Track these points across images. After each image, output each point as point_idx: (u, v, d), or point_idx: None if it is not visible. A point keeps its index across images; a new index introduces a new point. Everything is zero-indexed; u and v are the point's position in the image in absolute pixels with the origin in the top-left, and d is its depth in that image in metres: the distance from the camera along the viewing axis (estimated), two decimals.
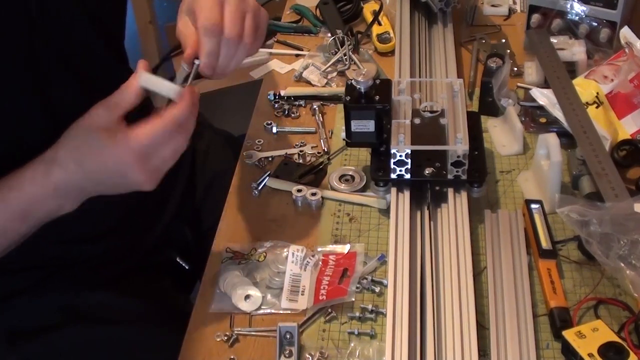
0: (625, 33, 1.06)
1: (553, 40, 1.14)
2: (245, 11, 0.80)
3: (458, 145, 0.89)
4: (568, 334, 0.75)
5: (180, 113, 0.74)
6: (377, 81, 0.94)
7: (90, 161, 0.74)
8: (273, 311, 0.84)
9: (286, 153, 1.04)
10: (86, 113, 0.75)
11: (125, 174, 0.74)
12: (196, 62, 0.79)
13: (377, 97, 0.93)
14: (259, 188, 0.99)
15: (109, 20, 0.92)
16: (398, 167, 0.91)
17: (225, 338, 0.81)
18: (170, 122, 0.74)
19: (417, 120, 0.94)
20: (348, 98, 0.93)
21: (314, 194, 0.96)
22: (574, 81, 1.04)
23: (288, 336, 0.79)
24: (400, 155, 0.90)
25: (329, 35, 1.26)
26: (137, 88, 0.75)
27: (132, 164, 0.73)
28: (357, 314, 0.82)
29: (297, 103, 1.13)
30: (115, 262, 0.98)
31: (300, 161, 1.03)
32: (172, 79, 0.78)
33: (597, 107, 1.01)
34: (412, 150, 0.90)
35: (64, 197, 0.77)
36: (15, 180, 0.77)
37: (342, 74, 1.18)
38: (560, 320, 0.79)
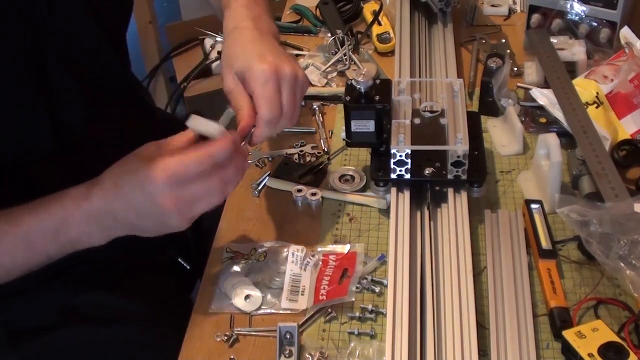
0: (625, 33, 1.06)
1: (553, 40, 1.14)
2: (296, 90, 0.83)
3: (458, 145, 0.89)
4: (568, 334, 0.75)
5: (217, 150, 0.74)
6: (377, 81, 0.94)
7: (125, 180, 0.75)
8: (273, 311, 0.84)
9: (286, 153, 1.04)
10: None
11: (154, 198, 0.73)
12: (230, 111, 0.82)
13: (377, 97, 0.93)
14: (259, 188, 0.99)
15: (114, 23, 0.93)
16: (398, 167, 0.91)
17: (225, 338, 0.81)
18: (204, 156, 0.74)
19: (417, 120, 0.94)
20: (348, 98, 0.93)
21: (314, 194, 0.96)
22: (574, 81, 1.04)
23: (288, 336, 0.79)
24: (400, 155, 0.90)
25: (329, 35, 1.26)
26: (188, 132, 0.77)
27: (162, 186, 0.73)
28: (357, 314, 0.82)
29: None
30: (116, 262, 0.98)
31: (301, 161, 1.03)
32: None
33: (597, 107, 1.01)
34: (412, 150, 0.90)
35: (96, 222, 0.77)
36: (55, 197, 0.77)
37: (342, 74, 1.18)
38: (560, 320, 0.79)
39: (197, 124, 0.77)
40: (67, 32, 0.84)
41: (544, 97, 1.04)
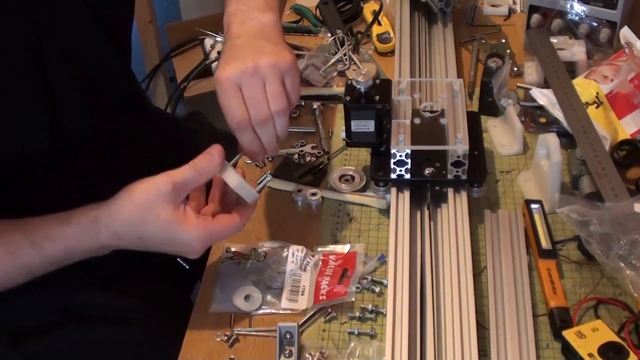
0: (625, 33, 1.06)
1: (553, 40, 1.13)
2: (264, 80, 0.78)
3: (458, 145, 0.89)
4: (568, 334, 0.75)
5: (249, 214, 0.81)
6: (377, 81, 0.94)
7: (153, 235, 0.76)
8: (273, 311, 0.84)
9: (286, 153, 1.04)
10: (143, 184, 0.76)
11: (184, 250, 0.77)
12: (268, 178, 0.84)
13: (377, 97, 0.93)
14: (259, 188, 0.99)
15: (114, 22, 0.92)
16: (398, 167, 0.91)
17: (225, 338, 0.81)
18: (241, 224, 0.80)
19: (417, 120, 0.94)
20: (348, 98, 0.93)
21: (314, 194, 0.96)
22: (574, 81, 1.04)
23: (288, 336, 0.79)
24: (400, 155, 0.90)
25: (329, 35, 1.26)
26: (216, 179, 0.80)
27: (197, 248, 0.77)
28: (357, 314, 0.82)
29: (297, 103, 1.13)
30: (115, 262, 0.97)
31: (301, 161, 1.03)
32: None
33: (597, 107, 1.01)
34: (412, 150, 0.90)
35: (105, 250, 0.80)
36: (59, 227, 0.77)
37: (342, 74, 1.18)
38: (560, 320, 0.79)
39: (232, 181, 0.79)
40: (66, 30, 0.83)
41: (544, 97, 1.03)
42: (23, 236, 0.77)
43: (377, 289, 0.85)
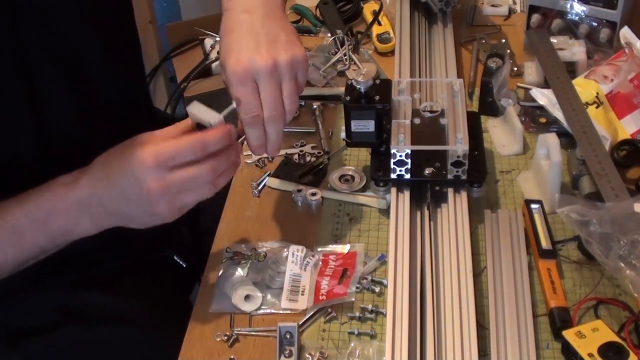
0: (625, 33, 1.05)
1: (553, 40, 1.13)
2: (280, 80, 0.78)
3: (458, 145, 0.89)
4: (568, 334, 0.75)
5: (211, 137, 0.74)
6: (377, 81, 0.94)
7: (114, 166, 0.74)
8: (273, 311, 0.84)
9: (286, 153, 1.04)
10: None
11: (142, 182, 0.73)
12: (233, 105, 0.78)
13: (377, 97, 0.93)
14: (259, 188, 0.99)
15: (107, 21, 0.92)
16: (398, 167, 0.91)
17: (225, 338, 0.81)
18: (197, 141, 0.73)
19: (417, 120, 0.94)
20: (348, 98, 0.93)
21: (314, 194, 0.96)
22: (574, 81, 1.04)
23: (288, 336, 0.79)
24: (400, 155, 0.90)
25: (329, 35, 1.26)
26: (186, 121, 0.76)
27: (150, 169, 0.72)
28: (357, 314, 0.82)
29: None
30: (114, 262, 0.98)
31: (301, 161, 1.03)
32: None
33: (597, 107, 1.01)
34: (412, 150, 0.90)
35: (84, 210, 0.76)
36: (43, 187, 0.77)
37: (342, 74, 1.18)
38: (560, 320, 0.79)
39: (197, 109, 0.76)
40: (52, 29, 0.82)
41: (544, 97, 1.03)
42: (10, 200, 0.77)
43: (377, 289, 0.85)
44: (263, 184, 1.00)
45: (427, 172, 0.91)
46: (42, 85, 0.83)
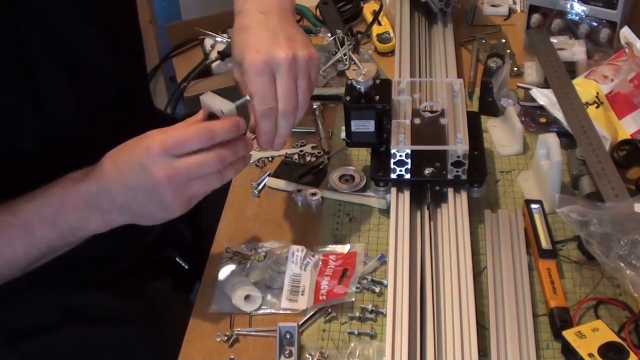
0: (625, 33, 1.06)
1: (553, 40, 1.14)
2: (297, 75, 0.79)
3: (458, 145, 0.89)
4: (568, 334, 0.75)
5: (219, 126, 0.74)
6: (377, 81, 0.94)
7: (123, 159, 0.74)
8: (273, 311, 0.84)
9: (286, 153, 1.04)
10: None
11: (148, 169, 0.72)
12: (247, 97, 0.80)
13: (377, 97, 0.93)
14: (259, 188, 0.99)
15: (108, 20, 0.92)
16: (398, 167, 0.91)
17: (225, 338, 0.81)
18: (204, 129, 0.73)
19: (417, 120, 0.94)
20: (348, 98, 0.93)
21: (314, 194, 0.96)
22: (574, 81, 1.04)
23: (288, 336, 0.79)
24: (400, 155, 0.90)
25: (329, 35, 1.26)
26: (198, 115, 0.77)
27: (156, 156, 0.72)
28: (357, 314, 0.82)
29: None
30: (115, 262, 0.98)
31: (301, 161, 1.03)
32: None
33: (597, 107, 1.01)
34: (412, 150, 0.90)
35: (94, 205, 0.76)
36: (54, 183, 0.77)
37: (342, 74, 1.18)
38: (560, 320, 0.79)
39: (209, 98, 0.76)
40: (53, 27, 0.82)
41: (544, 97, 1.03)
42: (22, 197, 0.77)
43: (377, 289, 0.85)
44: (263, 184, 1.00)
45: (427, 172, 0.91)
46: (44, 84, 0.83)
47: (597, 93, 1.01)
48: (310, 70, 0.81)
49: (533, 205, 0.90)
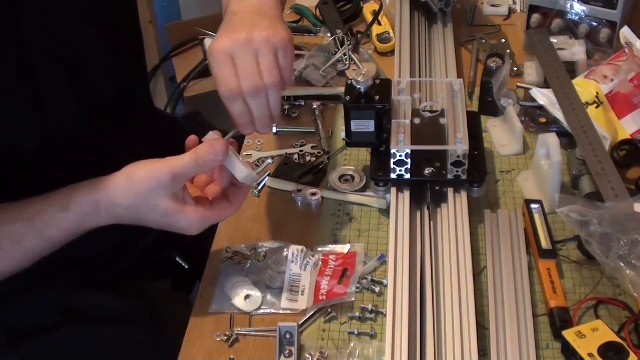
0: (625, 33, 1.06)
1: (553, 40, 1.14)
2: (257, 53, 0.78)
3: (458, 145, 0.89)
4: (568, 334, 0.75)
5: (244, 198, 0.82)
6: (377, 81, 0.94)
7: (153, 221, 0.79)
8: (273, 311, 0.84)
9: (286, 153, 1.04)
10: (143, 172, 0.77)
11: (182, 231, 0.80)
12: (269, 161, 0.87)
13: (377, 97, 0.93)
14: (259, 188, 0.99)
15: (108, 20, 0.92)
16: (398, 167, 0.91)
17: (225, 338, 0.81)
18: (236, 209, 0.81)
19: (417, 120, 0.94)
20: (348, 98, 0.93)
21: (314, 194, 0.96)
22: (574, 81, 1.04)
23: (288, 336, 0.79)
24: (400, 155, 0.90)
25: (329, 35, 1.26)
26: (215, 167, 0.80)
27: (194, 231, 0.80)
28: (357, 314, 0.82)
29: (297, 103, 1.13)
30: (115, 262, 0.98)
31: (301, 161, 1.03)
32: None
33: (597, 107, 1.01)
34: (412, 150, 0.90)
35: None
36: (58, 217, 0.78)
37: (342, 74, 1.18)
38: (560, 320, 0.79)
39: (232, 166, 0.79)
40: (53, 27, 0.82)
41: (544, 97, 1.03)
42: (25, 224, 0.78)
43: (377, 289, 0.85)
44: (263, 184, 1.00)
45: (427, 172, 0.91)
46: (44, 84, 0.83)
47: (597, 93, 1.01)
48: (273, 48, 0.78)
49: (533, 205, 0.90)
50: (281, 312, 0.83)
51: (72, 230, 0.79)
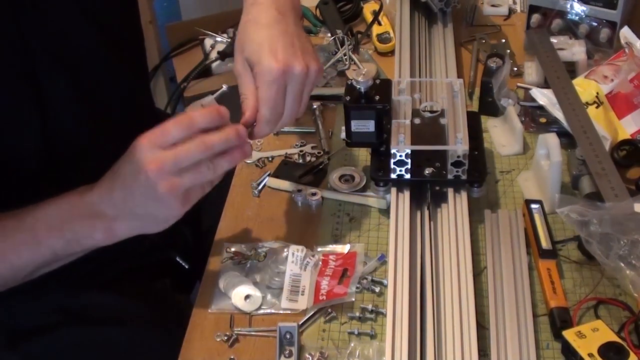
0: (625, 33, 1.06)
1: (553, 40, 1.14)
2: (303, 89, 0.81)
3: (458, 145, 0.89)
4: (568, 334, 0.75)
5: (198, 114, 0.73)
6: (377, 81, 0.94)
7: (119, 164, 0.75)
8: (273, 311, 0.84)
9: (286, 153, 1.04)
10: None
11: (137, 163, 0.72)
12: (224, 88, 0.83)
13: (377, 97, 0.93)
14: (259, 188, 0.99)
15: (108, 19, 0.92)
16: (398, 167, 0.91)
17: (225, 338, 0.81)
18: (183, 117, 0.73)
19: (417, 120, 0.94)
20: (348, 98, 0.93)
21: (314, 194, 0.96)
22: (574, 81, 1.04)
23: (288, 336, 0.79)
24: (400, 155, 0.90)
25: (329, 35, 1.26)
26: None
27: (142, 150, 0.71)
28: (357, 314, 0.82)
29: None
30: (115, 262, 0.98)
31: (300, 161, 1.03)
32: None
33: (597, 107, 1.01)
34: (412, 150, 0.90)
35: (98, 215, 0.76)
36: (61, 195, 0.78)
37: (342, 74, 1.18)
38: (560, 320, 0.79)
39: (193, 105, 0.79)
40: (53, 27, 0.82)
41: (544, 97, 1.03)
42: (30, 206, 0.78)
43: (377, 289, 0.85)
44: (263, 184, 1.00)
45: (427, 172, 0.91)
46: (46, 84, 0.83)
47: (597, 93, 1.01)
48: (317, 82, 0.84)
49: (533, 205, 0.90)
50: (281, 312, 0.83)
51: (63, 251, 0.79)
